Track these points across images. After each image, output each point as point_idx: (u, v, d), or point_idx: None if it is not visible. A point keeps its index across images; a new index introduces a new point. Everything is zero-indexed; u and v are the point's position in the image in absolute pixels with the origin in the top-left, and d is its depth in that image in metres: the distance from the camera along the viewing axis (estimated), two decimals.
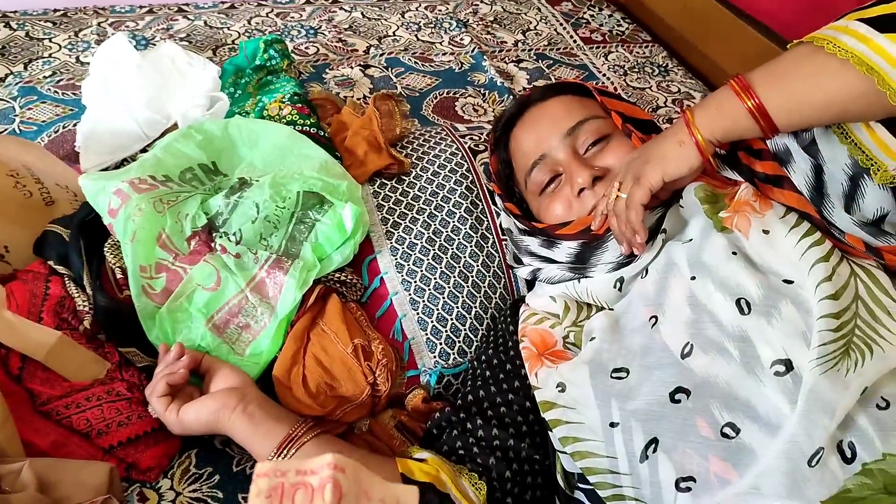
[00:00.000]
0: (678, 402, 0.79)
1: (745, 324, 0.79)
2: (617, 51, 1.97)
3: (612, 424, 0.81)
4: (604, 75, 1.85)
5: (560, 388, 0.88)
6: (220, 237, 1.05)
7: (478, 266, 1.13)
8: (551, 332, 0.97)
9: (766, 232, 0.86)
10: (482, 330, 1.09)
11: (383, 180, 1.22)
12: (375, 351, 0.99)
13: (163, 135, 1.32)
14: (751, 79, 0.82)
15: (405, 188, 1.20)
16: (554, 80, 1.78)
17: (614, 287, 0.97)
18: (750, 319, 0.79)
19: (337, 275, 1.07)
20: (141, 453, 0.91)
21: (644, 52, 1.98)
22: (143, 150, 1.31)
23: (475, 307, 1.10)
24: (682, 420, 0.77)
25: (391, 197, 1.19)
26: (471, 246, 1.15)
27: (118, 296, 1.00)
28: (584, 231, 0.99)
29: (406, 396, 1.03)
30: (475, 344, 1.08)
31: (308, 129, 1.24)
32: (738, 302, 0.81)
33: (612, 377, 0.85)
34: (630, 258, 0.97)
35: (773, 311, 0.79)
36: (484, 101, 1.64)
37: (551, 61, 1.87)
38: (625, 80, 1.84)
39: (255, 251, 1.05)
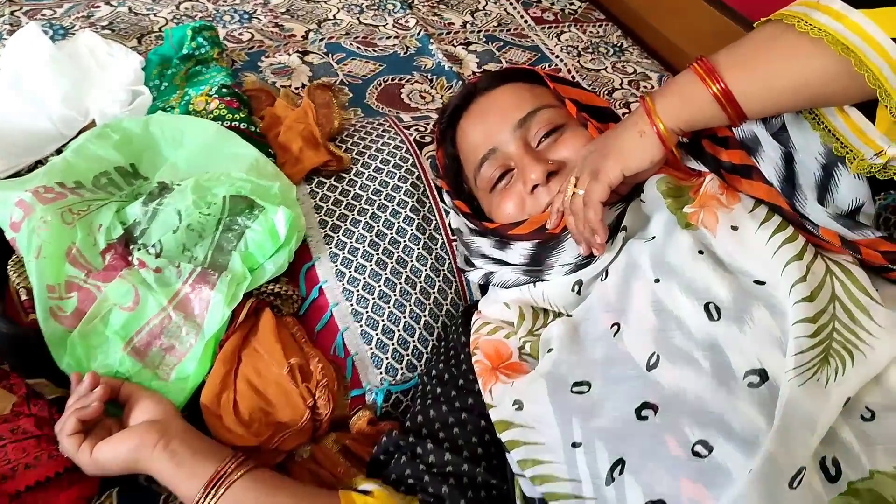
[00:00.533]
0: (645, 418, 0.72)
1: (715, 331, 0.74)
2: (570, 31, 1.89)
3: (575, 444, 0.74)
4: (557, 56, 1.77)
5: (517, 406, 0.80)
6: (139, 250, 0.95)
7: (426, 270, 1.05)
8: (506, 343, 0.90)
9: (734, 228, 0.80)
10: (432, 341, 1.01)
11: (321, 179, 1.12)
12: (314, 370, 0.91)
13: (81, 133, 1.20)
14: (716, 61, 0.76)
15: (345, 187, 1.11)
16: (505, 64, 1.70)
17: (572, 290, 0.90)
18: (720, 326, 0.74)
19: (270, 286, 0.98)
20: (53, 497, 0.81)
21: (598, 32, 1.91)
22: (59, 151, 1.19)
23: (424, 316, 1.02)
24: (650, 438, 0.71)
25: (330, 197, 1.10)
26: (418, 249, 1.07)
27: (24, 320, 0.90)
28: (538, 230, 0.91)
29: (350, 419, 0.94)
30: (425, 356, 1.00)
31: (237, 124, 1.15)
32: (706, 307, 0.75)
33: (572, 392, 0.78)
34: (589, 259, 0.90)
35: (745, 316, 0.73)
36: (431, 88, 1.56)
37: (502, 43, 1.79)
38: (578, 61, 1.76)
39: (178, 264, 0.95)
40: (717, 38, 1.67)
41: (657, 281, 0.80)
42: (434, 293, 1.04)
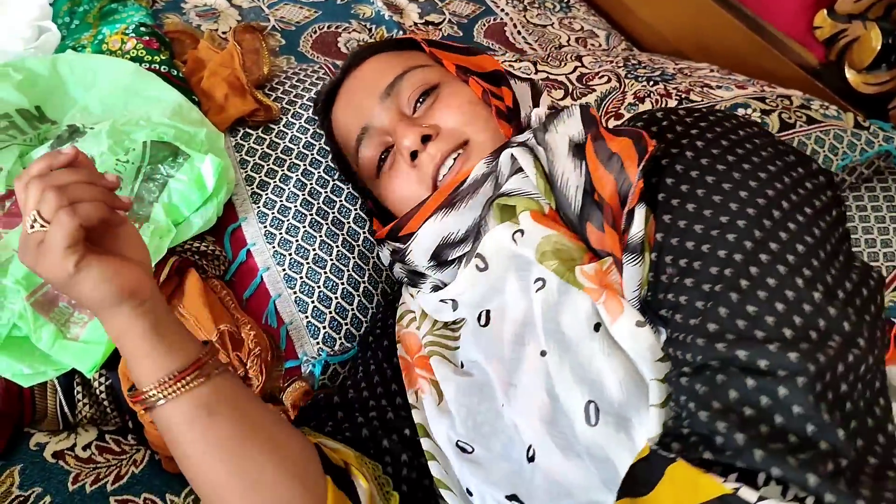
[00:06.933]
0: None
1: (597, 439, 0.63)
2: None
3: (469, 492, 0.71)
4: (502, 10, 1.69)
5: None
6: None
7: (364, 232, 0.97)
8: (416, 335, 0.82)
9: (640, 325, 0.64)
10: (372, 308, 0.94)
11: (248, 130, 1.01)
12: (246, 338, 0.83)
13: None
14: None
15: (274, 139, 1.01)
16: (448, 16, 1.61)
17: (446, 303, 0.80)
18: (600, 433, 0.63)
19: (195, 244, 0.88)
20: None
21: None
22: None
23: (363, 282, 0.94)
24: None
25: (257, 150, 0.99)
26: (355, 209, 0.98)
27: None
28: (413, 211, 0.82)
29: (284, 390, 0.87)
30: (365, 326, 0.93)
31: (157, 67, 1.03)
32: (586, 406, 0.64)
33: (458, 445, 0.73)
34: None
35: (634, 419, 0.63)
36: (370, 37, 1.46)
37: None
38: (524, 15, 1.69)
39: None
40: None
41: (543, 353, 0.68)
42: (373, 258, 0.96)
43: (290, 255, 0.92)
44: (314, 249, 0.92)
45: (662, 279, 0.63)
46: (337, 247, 0.94)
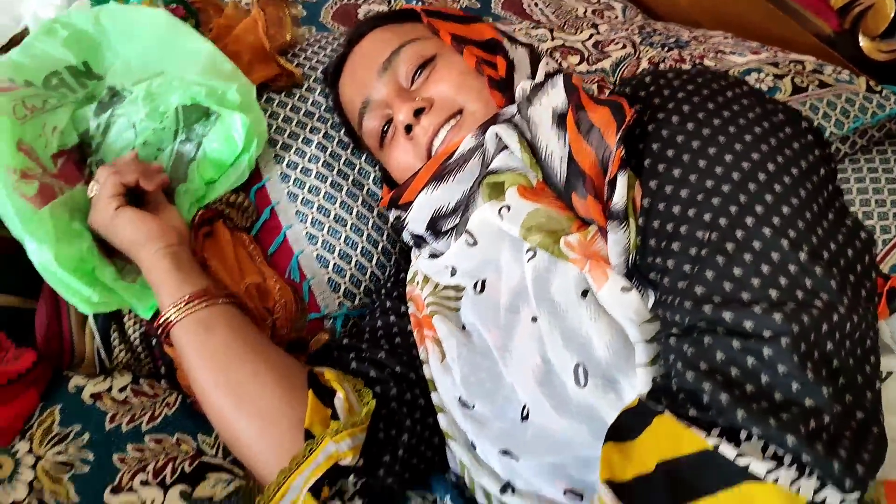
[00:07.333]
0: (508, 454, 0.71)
1: (587, 399, 0.66)
2: None
3: (473, 446, 0.75)
4: None
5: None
6: (97, 166, 0.92)
7: (383, 193, 1.00)
8: (419, 296, 0.85)
9: (625, 290, 0.66)
10: (391, 266, 0.98)
11: (271, 94, 1.05)
12: (272, 290, 0.87)
13: (12, 43, 1.12)
14: None
15: (296, 103, 1.04)
16: None
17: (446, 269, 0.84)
18: (590, 393, 0.66)
19: (224, 196, 0.94)
20: None
21: None
22: None
23: (382, 241, 0.98)
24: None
25: (280, 114, 1.03)
26: (374, 170, 1.02)
27: None
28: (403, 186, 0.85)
29: (308, 342, 0.91)
30: (382, 281, 0.97)
31: None
32: (575, 368, 0.66)
33: (460, 400, 0.76)
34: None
35: (623, 380, 0.65)
36: (389, 7, 1.47)
37: None
38: None
39: None
40: None
41: (534, 320, 0.71)
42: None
43: (311, 214, 0.96)
44: (335, 209, 0.96)
45: (650, 243, 0.65)
46: (357, 207, 0.98)
